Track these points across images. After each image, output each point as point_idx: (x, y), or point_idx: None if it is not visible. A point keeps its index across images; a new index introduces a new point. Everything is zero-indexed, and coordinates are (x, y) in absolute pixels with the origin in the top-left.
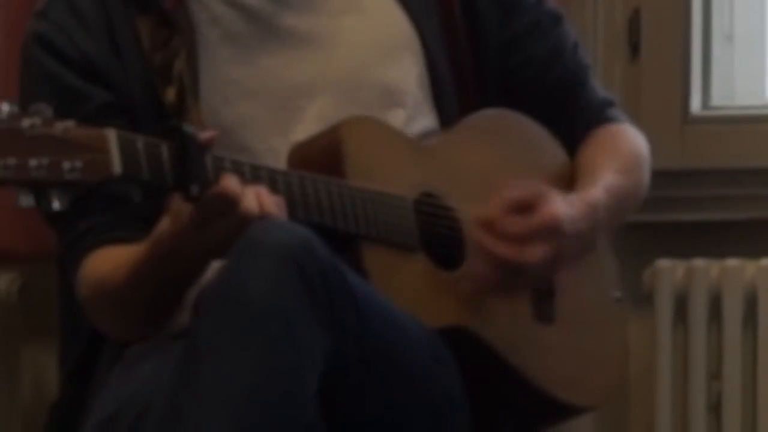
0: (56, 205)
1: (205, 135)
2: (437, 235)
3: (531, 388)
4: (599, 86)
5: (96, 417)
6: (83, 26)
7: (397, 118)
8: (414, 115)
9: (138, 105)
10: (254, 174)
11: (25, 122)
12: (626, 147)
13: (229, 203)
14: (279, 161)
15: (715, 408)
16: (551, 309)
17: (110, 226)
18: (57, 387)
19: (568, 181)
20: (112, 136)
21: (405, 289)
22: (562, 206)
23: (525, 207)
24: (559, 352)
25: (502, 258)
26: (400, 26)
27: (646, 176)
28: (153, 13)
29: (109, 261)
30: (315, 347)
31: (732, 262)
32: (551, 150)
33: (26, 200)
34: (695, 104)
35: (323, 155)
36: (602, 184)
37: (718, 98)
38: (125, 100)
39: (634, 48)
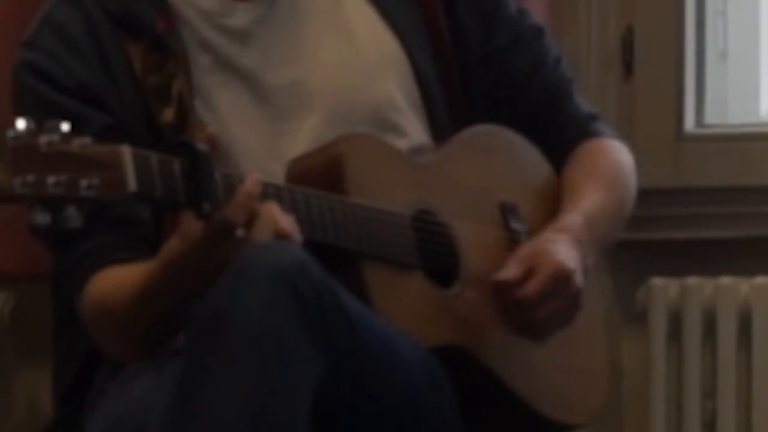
0: (72, 222)
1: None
2: (433, 252)
3: (522, 407)
4: (583, 100)
5: None
6: (73, 53)
7: (390, 141)
8: (406, 132)
9: (134, 128)
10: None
11: (43, 139)
12: (607, 164)
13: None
14: None
15: (710, 426)
16: None
17: (113, 248)
18: (51, 408)
19: (554, 200)
20: (127, 152)
21: (403, 307)
22: (560, 252)
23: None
24: (549, 370)
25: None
26: (386, 44)
27: (630, 189)
28: (145, 38)
29: (114, 281)
30: (308, 368)
31: (726, 280)
32: (539, 167)
33: (42, 218)
34: (689, 122)
35: (323, 171)
36: (582, 210)
37: (711, 116)
38: (123, 122)
39: (628, 66)
